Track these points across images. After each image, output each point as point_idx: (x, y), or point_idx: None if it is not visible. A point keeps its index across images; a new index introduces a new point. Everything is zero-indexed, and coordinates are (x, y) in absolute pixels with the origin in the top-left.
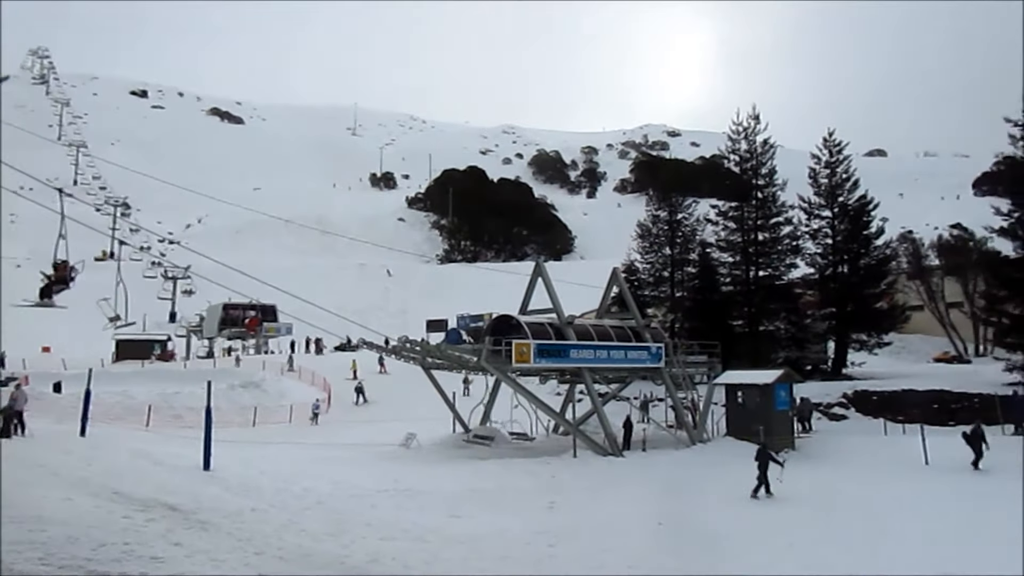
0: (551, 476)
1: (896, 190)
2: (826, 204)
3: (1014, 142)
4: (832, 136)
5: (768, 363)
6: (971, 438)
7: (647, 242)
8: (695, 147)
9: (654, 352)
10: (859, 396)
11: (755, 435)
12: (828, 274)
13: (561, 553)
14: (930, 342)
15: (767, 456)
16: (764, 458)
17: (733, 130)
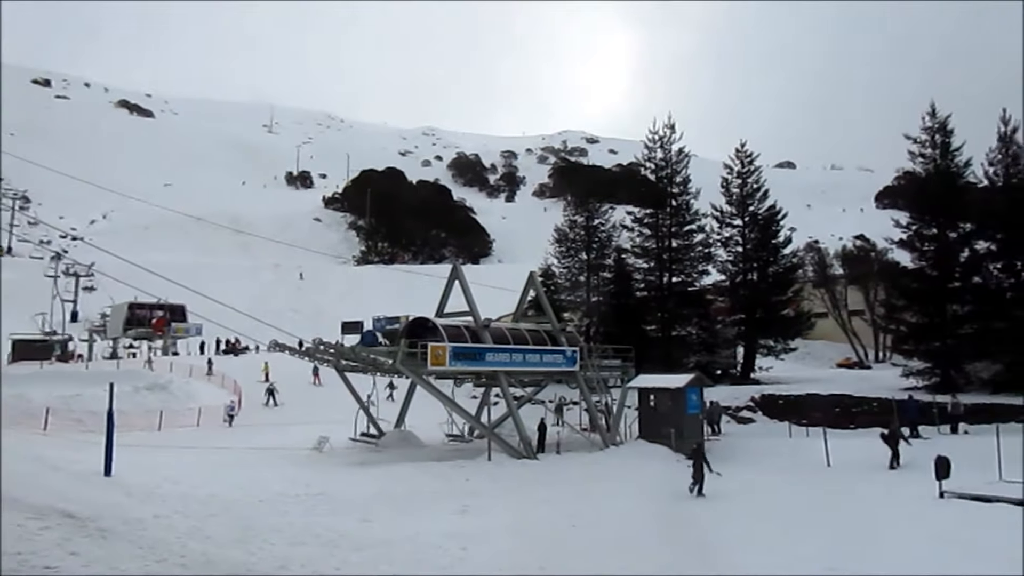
0: (465, 479)
1: (804, 201)
2: (737, 213)
3: (913, 158)
4: (744, 147)
5: (680, 367)
6: (888, 438)
7: (564, 247)
8: (613, 154)
9: (569, 356)
10: (766, 400)
11: (666, 438)
12: (738, 281)
13: (474, 556)
14: (833, 348)
15: (702, 456)
16: (699, 457)
17: (649, 139)
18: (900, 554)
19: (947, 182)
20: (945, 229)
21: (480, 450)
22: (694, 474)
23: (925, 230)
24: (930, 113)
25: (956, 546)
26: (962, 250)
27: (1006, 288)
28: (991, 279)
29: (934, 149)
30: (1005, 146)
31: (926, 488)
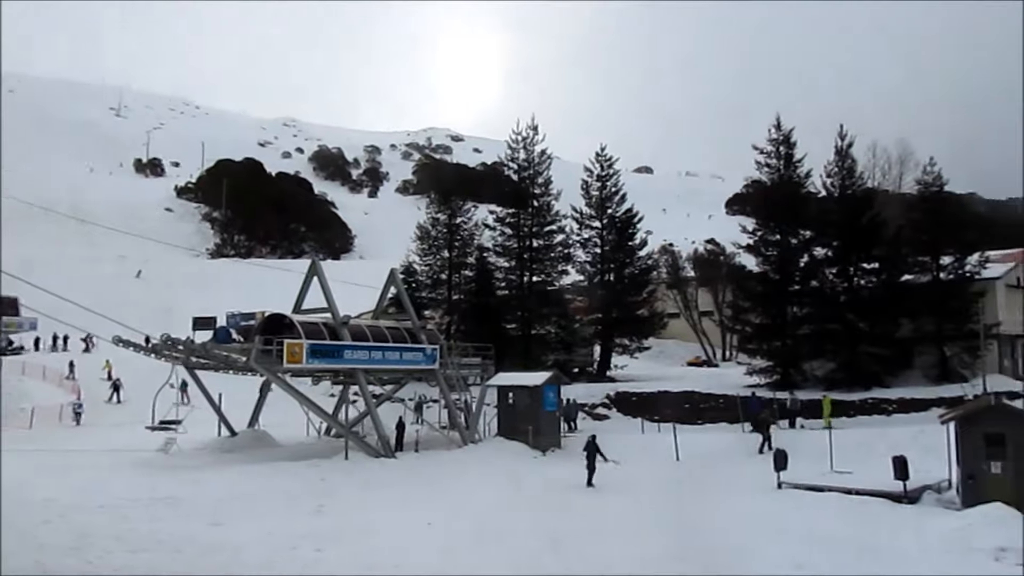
0: (321, 479)
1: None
2: (596, 215)
3: (760, 168)
4: (604, 151)
5: (539, 365)
6: (759, 425)
7: (426, 244)
8: (478, 153)
9: (429, 354)
10: (620, 397)
11: (524, 435)
12: (596, 281)
13: (328, 557)
14: (684, 347)
15: (595, 449)
16: (592, 450)
17: (513, 139)
18: (743, 543)
19: (790, 191)
20: (787, 235)
21: (337, 449)
22: (588, 466)
23: (769, 236)
24: (775, 126)
25: (792, 533)
26: (802, 256)
27: (840, 292)
28: (827, 283)
29: (778, 160)
30: (841, 160)
31: (767, 479)
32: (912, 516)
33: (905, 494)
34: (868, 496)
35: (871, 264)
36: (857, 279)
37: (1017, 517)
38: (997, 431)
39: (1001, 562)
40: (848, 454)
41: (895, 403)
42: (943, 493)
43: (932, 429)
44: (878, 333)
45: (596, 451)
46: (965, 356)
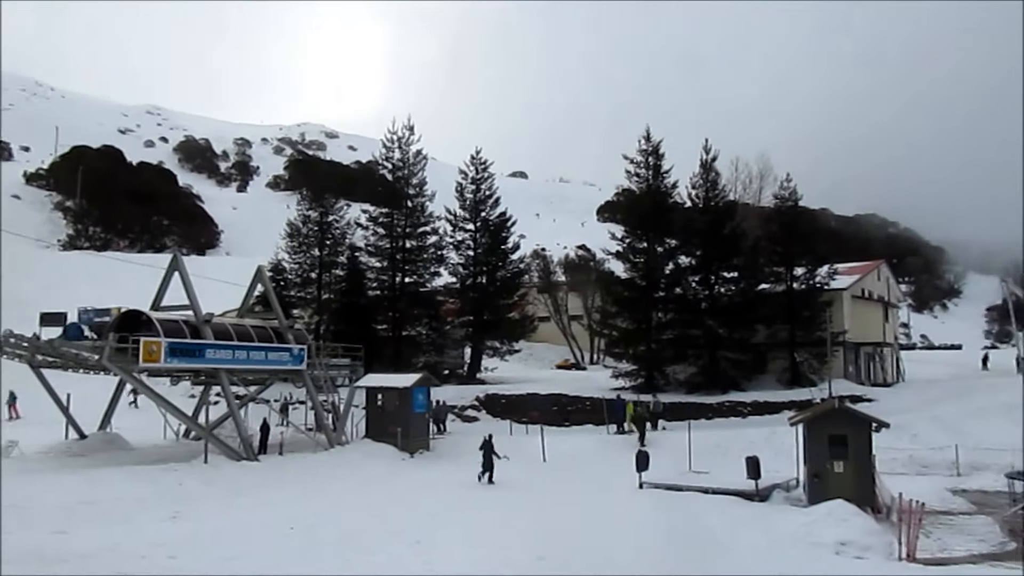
0: (178, 484)
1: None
2: (470, 218)
3: (630, 177)
4: (479, 154)
5: (409, 367)
6: (636, 420)
7: (297, 242)
8: (353, 151)
9: (296, 354)
10: (490, 399)
11: (393, 437)
12: (468, 284)
13: (183, 564)
14: (554, 350)
15: (491, 448)
16: (488, 449)
17: (388, 138)
18: (605, 541)
19: (657, 201)
20: (654, 244)
21: (196, 452)
22: (484, 464)
23: (637, 244)
24: (646, 137)
25: (652, 531)
26: (667, 263)
27: (702, 299)
28: (690, 290)
29: (647, 170)
30: (706, 172)
31: (629, 480)
32: (763, 513)
33: (757, 492)
34: (723, 495)
35: (731, 273)
36: (718, 287)
37: (857, 513)
38: (840, 433)
39: (841, 555)
40: (706, 455)
41: (750, 406)
42: (791, 491)
43: (783, 431)
44: (736, 339)
45: (492, 450)
46: (814, 362)
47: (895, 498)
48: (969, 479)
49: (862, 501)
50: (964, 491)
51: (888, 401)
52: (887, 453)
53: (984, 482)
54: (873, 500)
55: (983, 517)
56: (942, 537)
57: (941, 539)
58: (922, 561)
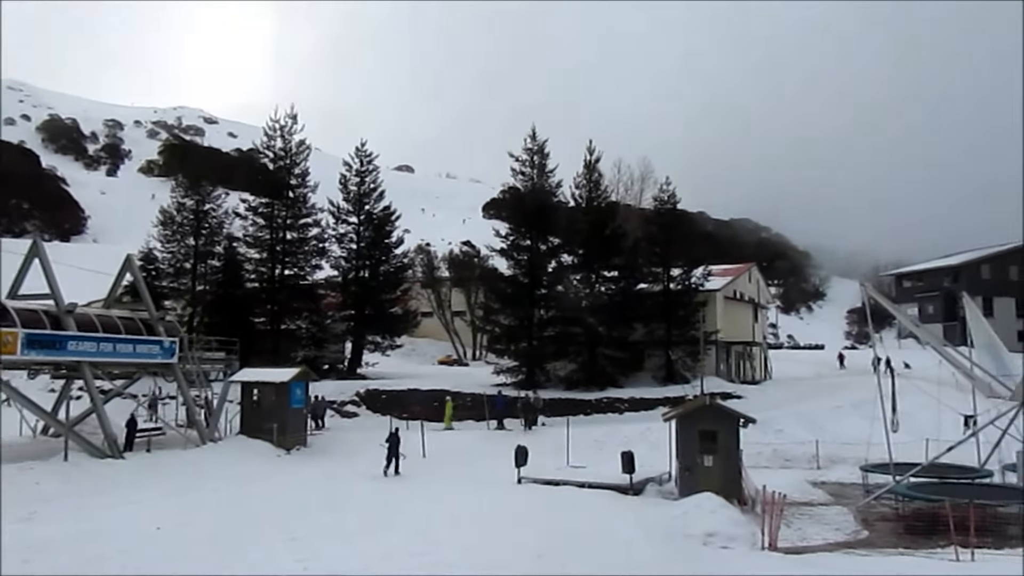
0: (34, 483)
1: (419, 205)
2: (354, 211)
3: (515, 175)
4: (364, 146)
5: (287, 361)
6: (524, 409)
7: (170, 230)
8: (232, 138)
9: (167, 347)
10: (370, 394)
11: (268, 433)
12: (351, 277)
13: (38, 567)
14: (436, 346)
15: (397, 441)
16: (394, 443)
17: (270, 126)
18: (481, 536)
19: (541, 200)
20: (537, 242)
21: (56, 450)
22: (387, 456)
23: (521, 241)
24: (531, 136)
25: (530, 525)
26: (550, 261)
27: (583, 297)
28: (571, 288)
29: (532, 169)
30: (589, 173)
31: (508, 475)
32: (636, 506)
33: (631, 486)
34: (599, 489)
35: (611, 272)
36: (598, 286)
37: (724, 505)
38: (711, 428)
39: (708, 546)
40: (584, 450)
41: (627, 402)
42: (664, 484)
43: (657, 426)
44: (615, 337)
45: (397, 444)
46: (688, 360)
47: (759, 490)
48: (828, 472)
49: (729, 494)
50: (823, 483)
51: (756, 398)
52: (754, 447)
53: (841, 474)
54: (739, 492)
55: (839, 507)
56: (802, 527)
57: (801, 529)
58: (783, 550)
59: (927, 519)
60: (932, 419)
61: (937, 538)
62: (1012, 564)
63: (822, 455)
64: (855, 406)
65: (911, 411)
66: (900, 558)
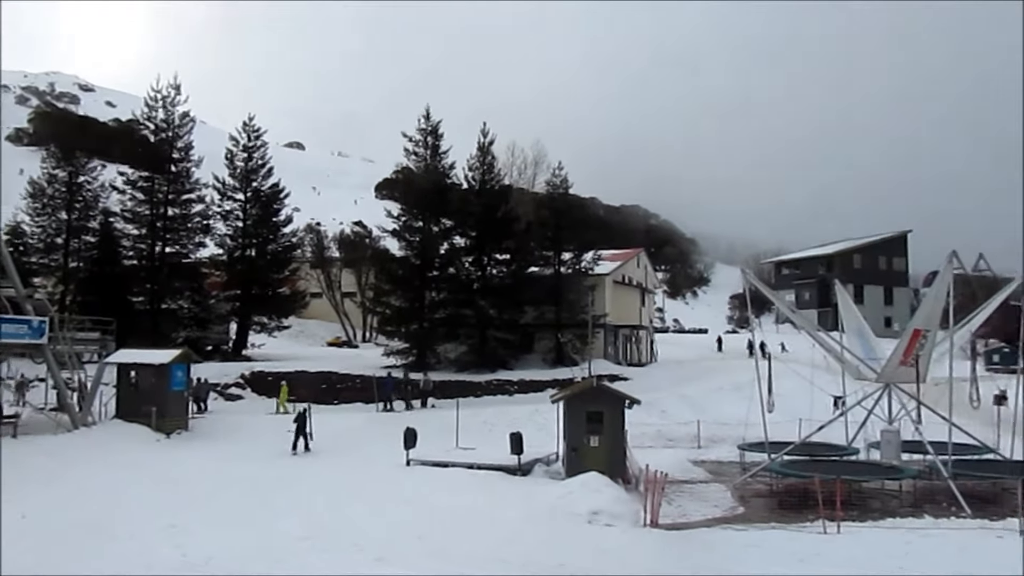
0: None
1: (310, 183)
2: (240, 187)
3: (408, 155)
4: (252, 121)
5: (168, 342)
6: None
7: (40, 203)
8: (111, 107)
9: (36, 327)
10: (256, 377)
11: (147, 417)
12: (236, 256)
13: None
14: (325, 327)
15: (304, 420)
16: (302, 422)
17: (152, 97)
18: (367, 518)
19: (435, 181)
20: (430, 223)
21: None
22: (297, 433)
23: (413, 222)
24: (425, 116)
25: (417, 506)
26: (442, 243)
27: (474, 280)
28: (463, 271)
29: (426, 149)
30: (483, 155)
31: (397, 457)
32: (524, 486)
33: (519, 467)
34: (487, 470)
35: (503, 255)
36: (490, 268)
37: (609, 484)
38: (597, 409)
39: (593, 523)
40: (474, 432)
41: (517, 384)
42: (551, 465)
43: (546, 408)
44: (506, 319)
45: (306, 423)
46: (577, 342)
47: (643, 469)
48: (708, 451)
49: (614, 473)
50: (703, 462)
51: (642, 380)
52: (639, 428)
53: (720, 453)
54: (624, 472)
55: (718, 485)
56: (683, 504)
57: (682, 505)
58: (664, 526)
59: (799, 494)
60: (805, 400)
61: (807, 512)
62: (874, 535)
63: (703, 435)
64: (735, 388)
65: (786, 393)
66: (773, 531)
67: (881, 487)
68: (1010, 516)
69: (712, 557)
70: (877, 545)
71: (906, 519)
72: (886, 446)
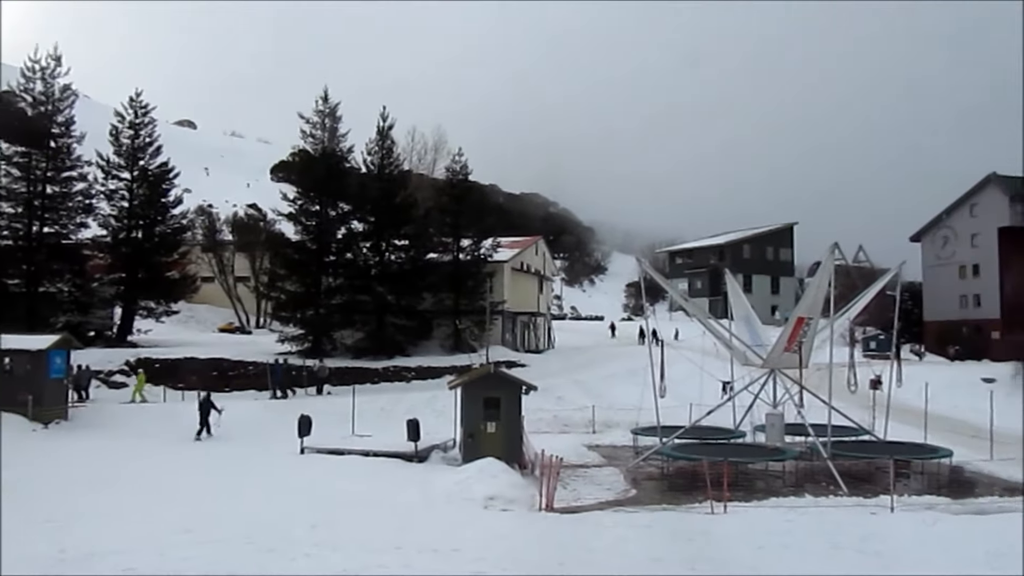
0: None
1: (202, 164)
2: (126, 166)
3: (305, 137)
4: (140, 97)
5: (46, 327)
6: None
7: None
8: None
9: None
10: (143, 364)
11: (22, 405)
12: (122, 238)
13: None
14: (217, 312)
15: (209, 405)
16: (206, 405)
17: (29, 67)
18: (258, 507)
19: (332, 164)
20: (327, 207)
21: None
22: (200, 421)
23: (310, 206)
24: (323, 98)
25: (312, 494)
26: (339, 228)
27: (372, 265)
28: (361, 256)
29: (324, 132)
30: (382, 139)
31: (291, 445)
32: (420, 473)
33: (416, 454)
34: (383, 457)
35: (402, 241)
36: (388, 254)
37: (505, 470)
38: (494, 395)
39: (489, 509)
40: (370, 418)
41: (415, 370)
42: (448, 451)
43: (444, 394)
44: (404, 306)
45: (210, 406)
46: (475, 329)
47: (539, 454)
48: (603, 435)
49: (511, 458)
50: (598, 446)
51: (539, 366)
52: (536, 414)
53: (614, 438)
54: (520, 457)
55: (612, 468)
56: (577, 488)
57: (576, 489)
58: (559, 510)
59: (688, 476)
60: (696, 385)
61: (696, 493)
62: (758, 514)
63: (598, 420)
64: (630, 374)
65: (678, 378)
66: (663, 512)
67: (766, 468)
68: (883, 494)
69: (603, 539)
70: (760, 523)
71: (788, 498)
72: (770, 429)
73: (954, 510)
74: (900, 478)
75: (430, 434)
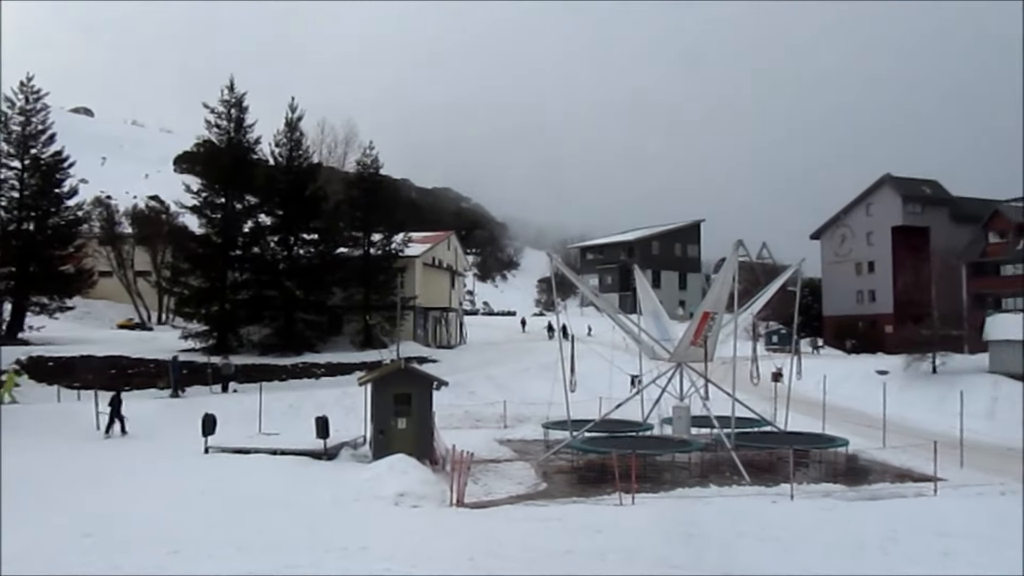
0: None
1: (100, 153)
2: (16, 154)
3: (210, 128)
4: (31, 81)
5: None
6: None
7: None
8: None
9: None
10: (34, 362)
11: None
12: (12, 230)
13: None
14: (116, 308)
15: (119, 402)
16: (116, 404)
17: None
18: (158, 510)
19: (239, 156)
20: (233, 200)
21: None
22: (111, 415)
23: (215, 199)
24: (229, 87)
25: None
26: (246, 221)
27: (280, 260)
28: (268, 250)
29: (229, 122)
30: (291, 131)
31: (195, 445)
32: (329, 470)
33: (325, 451)
34: (292, 455)
35: (311, 235)
36: (297, 248)
37: (416, 466)
38: (405, 391)
39: (399, 505)
40: (278, 416)
41: (324, 367)
42: (359, 448)
43: (354, 391)
44: (313, 301)
45: (119, 405)
46: (386, 324)
47: (449, 450)
48: (514, 430)
49: (421, 454)
50: (509, 441)
51: (451, 361)
52: (447, 409)
53: (526, 432)
54: (431, 453)
55: (523, 463)
56: (488, 482)
57: (487, 484)
58: (469, 505)
59: (598, 469)
60: (605, 379)
61: (605, 486)
62: (665, 504)
63: (509, 415)
64: (541, 368)
65: (588, 372)
66: (573, 505)
67: (672, 460)
68: (783, 482)
69: (513, 533)
70: (667, 513)
71: (694, 488)
72: (677, 421)
73: (850, 497)
74: (799, 467)
75: (340, 431)
